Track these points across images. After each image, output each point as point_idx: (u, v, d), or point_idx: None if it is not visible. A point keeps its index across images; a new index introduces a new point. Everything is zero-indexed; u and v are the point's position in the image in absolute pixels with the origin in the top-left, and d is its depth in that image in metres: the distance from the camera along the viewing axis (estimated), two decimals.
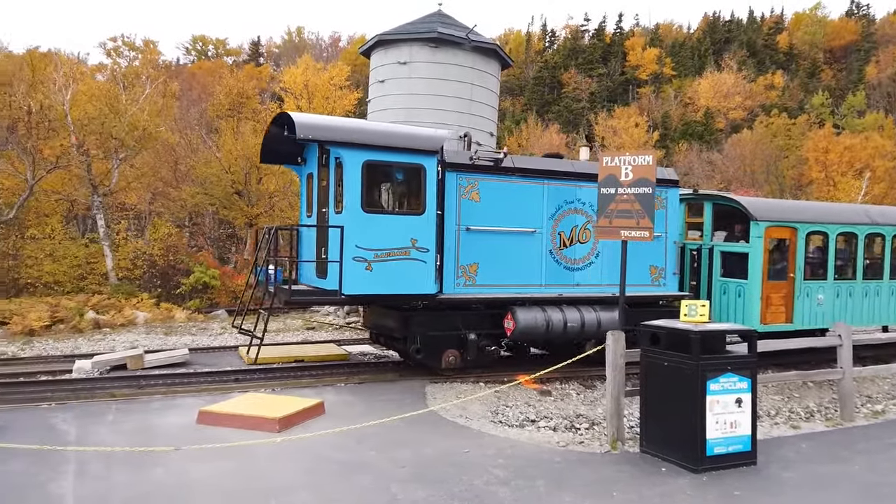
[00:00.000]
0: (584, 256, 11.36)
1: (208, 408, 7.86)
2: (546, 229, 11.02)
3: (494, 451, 7.00)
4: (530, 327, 10.39)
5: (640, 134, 52.97)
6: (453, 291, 10.27)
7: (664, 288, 11.94)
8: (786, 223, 12.04)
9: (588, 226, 11.32)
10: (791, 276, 12.08)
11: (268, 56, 75.46)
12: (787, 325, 12.10)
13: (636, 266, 11.35)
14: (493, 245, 10.58)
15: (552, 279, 11.08)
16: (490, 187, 10.56)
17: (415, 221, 9.80)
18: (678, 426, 6.70)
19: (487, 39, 20.77)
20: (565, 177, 11.26)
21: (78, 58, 37.15)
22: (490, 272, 10.56)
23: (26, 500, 5.41)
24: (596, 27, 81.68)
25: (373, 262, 9.48)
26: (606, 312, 10.97)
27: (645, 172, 8.16)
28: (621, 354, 7.35)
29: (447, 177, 10.23)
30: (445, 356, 10.35)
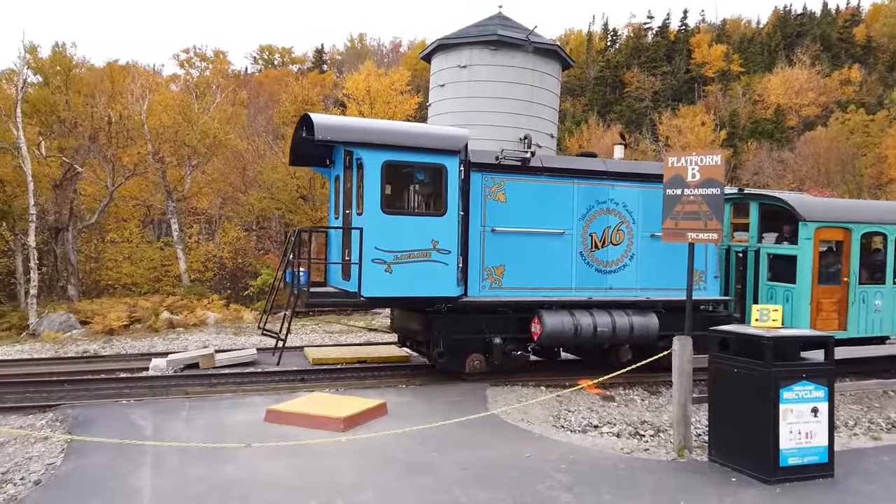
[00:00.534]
0: (617, 259, 10.98)
1: (276, 406, 8.09)
2: (576, 230, 10.71)
3: (557, 455, 6.93)
4: (557, 332, 10.10)
5: (707, 133, 51.42)
6: (479, 294, 10.10)
7: (705, 292, 11.42)
8: (838, 224, 11.34)
9: (622, 227, 10.98)
10: (845, 281, 11.37)
11: (331, 63, 77.02)
12: (840, 333, 11.37)
13: (674, 269, 10.92)
14: (520, 247, 10.34)
15: (583, 282, 10.75)
16: (517, 187, 10.34)
17: (436, 222, 9.60)
18: (749, 435, 6.47)
19: (548, 40, 20.61)
20: (597, 176, 10.91)
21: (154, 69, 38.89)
22: (517, 275, 10.33)
23: (109, 491, 5.69)
24: (660, 25, 79.90)
25: (392, 263, 9.33)
26: (640, 317, 10.61)
27: (713, 173, 7.92)
28: (688, 360, 7.16)
29: (472, 177, 10.06)
30: (470, 360, 10.18)
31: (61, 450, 6.74)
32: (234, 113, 26.49)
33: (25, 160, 20.91)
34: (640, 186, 11.07)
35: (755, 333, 6.53)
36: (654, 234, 10.90)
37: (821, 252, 11.40)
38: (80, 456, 6.50)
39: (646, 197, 11.06)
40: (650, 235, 11.00)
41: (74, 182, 23.25)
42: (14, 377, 10.58)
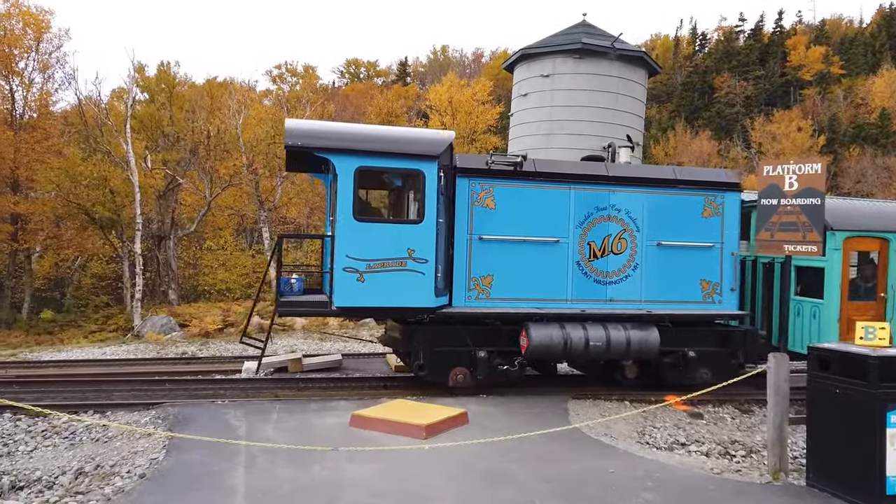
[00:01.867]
0: (618, 269, 10.34)
1: (360, 411, 8.28)
2: (573, 239, 10.16)
3: (642, 472, 6.76)
4: (545, 345, 9.59)
5: (804, 139, 48.83)
6: (464, 305, 9.75)
7: (719, 306, 10.59)
8: (873, 233, 10.33)
9: (624, 235, 10.33)
10: (882, 297, 10.34)
11: (414, 75, 78.38)
12: None
13: (682, 280, 10.40)
14: (510, 256, 9.90)
15: (580, 294, 10.19)
16: (507, 193, 9.91)
17: (412, 230, 9.23)
18: (852, 460, 6.09)
19: (633, 47, 20.23)
20: (597, 181, 10.31)
21: (248, 85, 40.87)
22: (506, 285, 9.91)
23: (206, 487, 6.01)
24: (752, 27, 76.60)
25: (365, 273, 9.02)
26: (639, 331, 9.96)
27: (813, 182, 7.54)
28: (785, 378, 6.82)
29: (458, 183, 9.72)
30: (453, 374, 9.82)
31: (163, 445, 7.16)
32: None
33: (133, 172, 22.47)
34: (646, 192, 10.44)
35: (860, 352, 6.15)
36: (661, 243, 10.40)
37: (852, 264, 10.36)
38: (179, 452, 6.89)
39: (652, 203, 10.45)
40: (657, 244, 10.41)
41: (176, 193, 24.76)
42: (122, 376, 11.34)
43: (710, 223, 10.54)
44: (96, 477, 6.44)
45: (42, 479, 6.47)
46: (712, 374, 10.30)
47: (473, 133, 34.70)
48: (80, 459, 7.00)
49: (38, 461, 7.10)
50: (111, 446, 7.46)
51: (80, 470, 6.66)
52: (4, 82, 29.58)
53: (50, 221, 29.50)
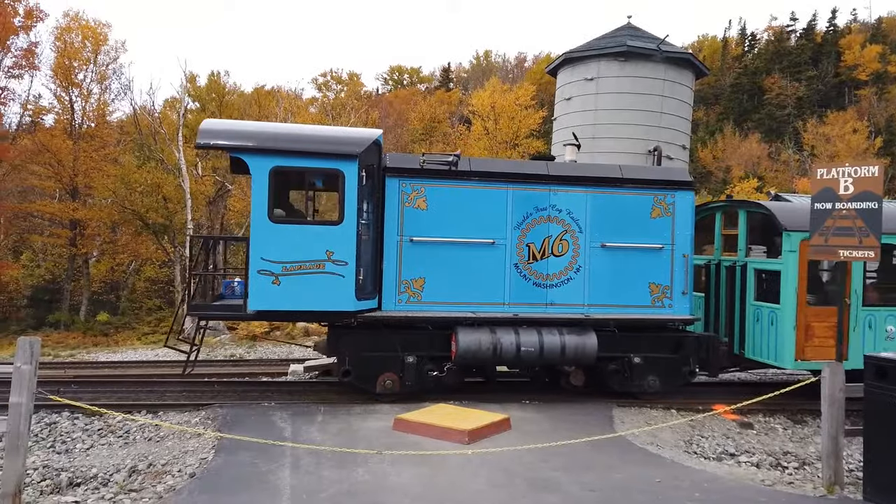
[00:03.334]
0: (559, 272, 9.95)
1: (403, 415, 8.33)
2: (511, 240, 9.80)
3: (689, 483, 6.61)
4: (472, 351, 9.31)
5: (859, 141, 47.16)
6: (394, 309, 9.49)
7: (670, 310, 10.14)
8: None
9: (566, 236, 9.92)
10: (845, 302, 9.70)
11: (457, 81, 78.68)
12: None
13: (629, 283, 9.99)
14: (443, 258, 9.60)
15: (519, 297, 9.83)
16: (440, 194, 9.61)
17: (331, 232, 8.95)
18: None
19: (680, 49, 19.91)
20: (537, 180, 9.93)
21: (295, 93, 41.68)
22: (439, 288, 9.60)
23: (253, 487, 6.13)
24: (804, 26, 74.43)
25: (281, 275, 8.75)
26: (575, 337, 9.58)
27: (870, 185, 7.27)
28: (840, 388, 6.59)
29: (388, 183, 9.48)
30: (381, 380, 9.48)
31: (212, 446, 7.34)
32: None
33: (185, 179, 23.12)
34: (589, 191, 10.03)
35: None
36: (605, 245, 10.01)
37: (811, 267, 9.81)
38: (228, 452, 7.05)
39: (596, 203, 10.05)
40: (601, 246, 10.02)
41: (225, 199, 25.37)
42: (173, 377, 11.67)
43: (660, 224, 10.11)
44: (149, 475, 6.64)
45: (98, 476, 6.70)
46: (661, 382, 10.01)
47: (516, 137, 34.61)
48: (134, 458, 7.23)
49: (94, 459, 7.36)
50: (163, 445, 7.68)
51: (133, 468, 6.87)
52: (65, 93, 30.88)
53: (106, 227, 30.64)
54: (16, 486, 5.35)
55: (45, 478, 6.62)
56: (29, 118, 33.17)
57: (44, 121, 33.23)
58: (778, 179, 46.38)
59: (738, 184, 42.18)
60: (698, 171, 48.33)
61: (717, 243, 11.62)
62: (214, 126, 9.50)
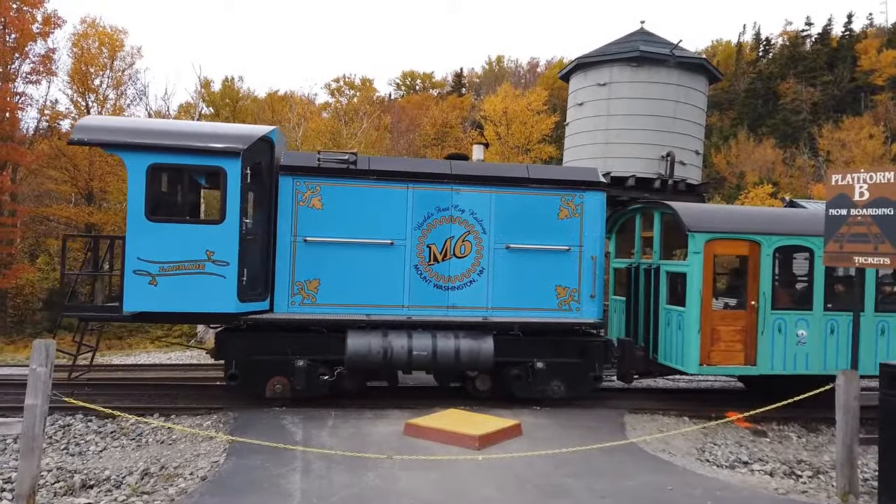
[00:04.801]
0: (462, 273, 9.71)
1: (414, 420, 8.33)
2: (411, 241, 9.59)
3: (702, 490, 6.56)
4: (362, 354, 9.12)
5: (876, 146, 46.73)
6: (287, 311, 9.30)
7: (576, 314, 9.87)
8: (741, 235, 9.59)
9: (468, 237, 9.70)
10: (752, 305, 9.58)
11: (469, 86, 78.77)
12: (746, 368, 9.56)
13: (535, 285, 9.75)
14: (339, 259, 9.39)
15: (419, 300, 9.60)
16: (336, 193, 9.41)
17: (211, 231, 8.73)
18: None
19: (693, 54, 19.84)
20: (439, 179, 9.69)
21: (308, 98, 41.94)
22: (334, 290, 9.39)
23: (264, 491, 6.15)
24: (819, 31, 73.88)
25: (158, 276, 8.52)
26: (471, 341, 9.37)
27: (885, 191, 7.21)
28: (855, 396, 6.52)
29: (281, 182, 9.27)
30: (271, 384, 9.26)
31: (224, 449, 7.38)
32: (378, 137, 27.94)
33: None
34: (494, 191, 9.81)
35: None
36: (510, 246, 9.79)
37: (719, 270, 9.60)
38: (239, 456, 7.08)
39: (500, 203, 9.83)
40: (506, 247, 9.80)
41: None
42: (185, 381, 11.74)
43: (568, 225, 9.89)
44: (161, 478, 6.69)
45: (111, 479, 6.76)
46: (566, 388, 9.82)
47: (528, 143, 34.60)
48: (147, 460, 7.28)
49: (108, 461, 7.42)
50: (175, 448, 7.73)
51: (146, 470, 6.92)
52: (81, 99, 31.25)
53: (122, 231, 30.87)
54: (30, 487, 5.40)
55: (59, 479, 6.69)
56: (46, 123, 33.58)
57: (60, 126, 33.69)
58: (793, 185, 46.03)
59: (753, 189, 41.90)
60: (712, 176, 48.05)
61: (636, 246, 11.42)
62: (91, 122, 9.38)
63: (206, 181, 9.51)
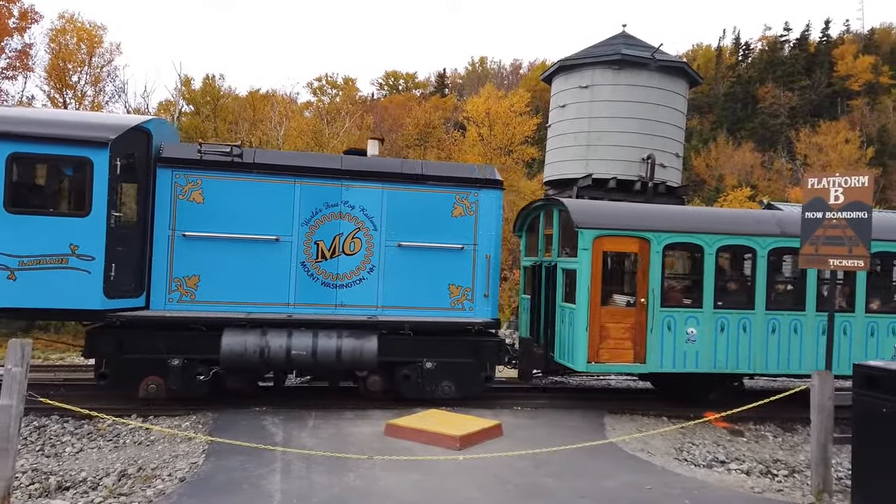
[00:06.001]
0: (351, 271, 9.52)
1: (395, 421, 8.33)
2: (298, 237, 9.37)
3: (680, 490, 6.64)
4: (237, 353, 8.86)
5: (852, 150, 47.54)
6: (163, 308, 9.00)
7: (470, 313, 9.75)
8: (629, 232, 9.54)
9: (358, 234, 9.53)
10: (642, 302, 9.55)
11: (452, 87, 78.85)
12: (635, 366, 9.56)
13: (428, 284, 9.62)
14: (221, 255, 9.13)
15: (306, 297, 9.40)
16: (219, 186, 9.15)
17: (76, 224, 8.35)
18: None
19: (674, 57, 20.05)
20: (328, 174, 9.51)
21: (290, 97, 41.72)
22: (216, 287, 9.13)
23: (244, 492, 6.11)
24: (798, 36, 74.99)
25: (17, 270, 8.17)
26: (354, 340, 9.15)
27: (860, 195, 7.35)
28: (829, 396, 6.64)
29: (159, 174, 9.00)
30: (145, 384, 8.94)
31: (203, 450, 7.31)
32: (360, 137, 27.82)
33: None
34: (386, 188, 9.65)
35: None
36: (402, 244, 9.63)
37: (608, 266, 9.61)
38: (219, 457, 7.03)
39: (392, 200, 9.67)
40: (397, 245, 9.64)
41: None
42: None
43: (462, 223, 9.75)
44: (139, 479, 6.61)
45: (87, 480, 6.67)
46: (457, 388, 9.68)
47: (511, 144, 34.70)
48: (124, 461, 7.19)
49: (84, 462, 7.32)
50: (153, 450, 7.65)
51: (123, 472, 6.84)
52: (59, 95, 30.81)
53: None
54: (5, 489, 5.32)
55: (34, 481, 6.58)
56: None
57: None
58: (771, 188, 46.68)
59: (732, 192, 42.41)
60: (692, 179, 48.56)
61: (540, 244, 11.38)
62: None
63: (73, 172, 8.93)
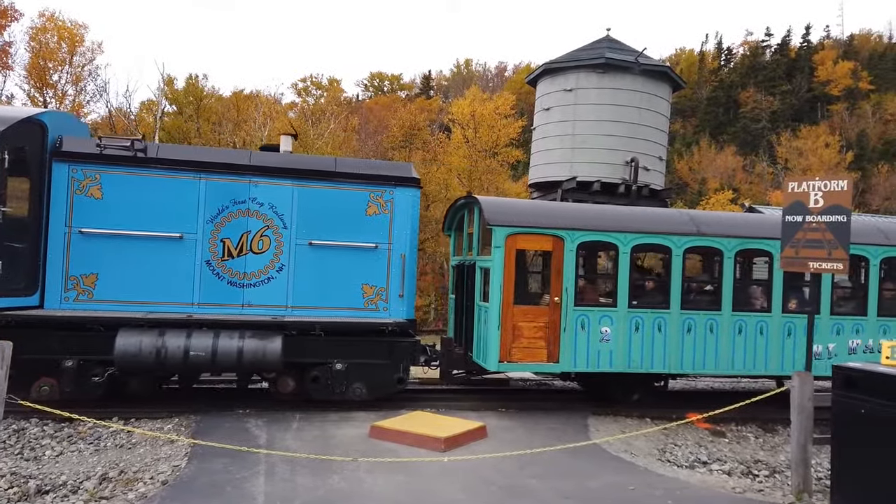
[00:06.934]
0: (259, 270, 9.31)
1: (379, 423, 8.31)
2: (203, 235, 9.12)
3: (662, 490, 6.69)
4: (132, 354, 8.53)
5: (831, 155, 48.25)
6: (59, 307, 8.74)
7: (384, 313, 9.56)
8: (543, 230, 9.44)
9: (267, 232, 9.31)
10: (555, 301, 9.44)
11: (437, 88, 78.95)
12: (548, 366, 9.48)
13: (340, 284, 9.45)
14: (120, 252, 8.87)
15: (211, 297, 9.16)
16: (119, 182, 8.89)
17: None
18: (878, 481, 5.97)
19: (657, 62, 20.22)
20: (235, 170, 9.27)
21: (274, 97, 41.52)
22: (115, 285, 8.87)
23: (227, 494, 6.07)
24: (779, 42, 76.04)
25: None
26: (257, 341, 8.85)
27: (839, 199, 7.46)
28: (809, 397, 6.73)
29: (55, 168, 8.76)
30: (36, 385, 8.60)
31: (185, 453, 7.25)
32: (345, 138, 27.78)
33: None
34: (297, 184, 9.44)
35: (887, 372, 6.05)
36: (313, 243, 9.44)
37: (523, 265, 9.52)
38: (201, 460, 6.97)
39: (304, 197, 9.46)
40: (308, 244, 9.43)
41: None
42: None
43: (376, 221, 9.59)
44: (120, 482, 6.54)
45: (67, 484, 6.58)
46: (368, 390, 9.47)
47: (496, 146, 34.81)
48: (105, 465, 7.11)
49: (64, 465, 7.23)
50: (135, 452, 7.57)
51: (104, 475, 6.76)
52: (39, 94, 30.42)
53: None
54: None
55: (13, 485, 6.48)
56: None
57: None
58: (752, 192, 47.21)
59: (714, 196, 42.83)
60: (675, 182, 48.99)
61: (465, 242, 11.30)
62: None
63: None
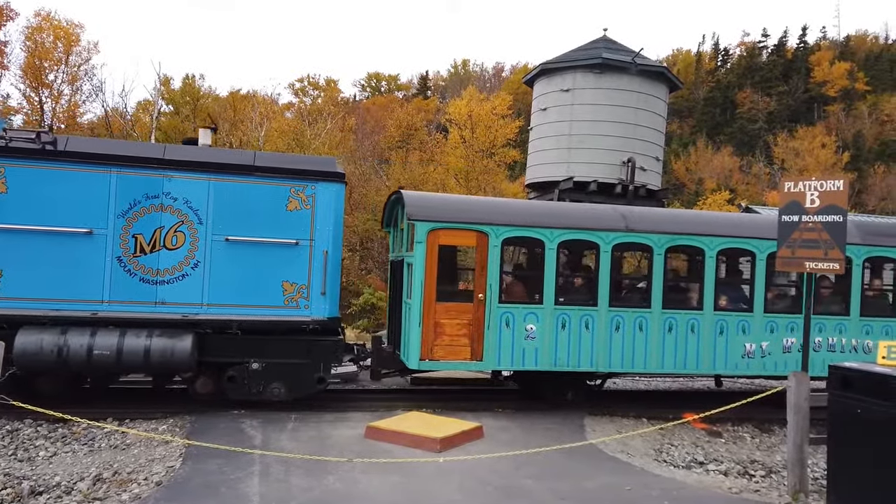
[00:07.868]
0: (173, 267, 9.06)
1: (375, 423, 8.28)
2: (113, 230, 8.88)
3: (659, 491, 6.67)
4: (31, 353, 8.35)
5: (828, 155, 48.36)
6: None
7: (305, 311, 9.34)
8: (466, 225, 9.28)
9: (181, 227, 9.08)
10: (479, 298, 9.26)
11: (435, 89, 78.91)
12: (472, 364, 9.31)
13: (259, 281, 9.24)
14: (25, 248, 8.66)
15: (122, 294, 8.90)
16: (25, 175, 8.68)
17: None
18: (874, 481, 5.96)
19: (654, 62, 20.23)
20: (148, 164, 9.01)
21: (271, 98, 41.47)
22: (19, 282, 8.65)
23: (222, 495, 6.03)
24: (775, 43, 76.16)
25: None
26: (166, 339, 8.65)
27: (835, 199, 7.45)
28: (805, 397, 6.72)
29: None
30: None
31: (180, 454, 7.21)
32: (342, 138, 27.76)
33: None
34: (213, 179, 9.20)
35: (883, 372, 6.04)
36: (230, 239, 9.19)
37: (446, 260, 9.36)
38: (196, 461, 6.94)
39: (220, 192, 9.22)
40: (225, 239, 9.19)
41: None
42: (140, 384, 11.43)
43: (297, 217, 9.37)
44: (114, 483, 6.51)
45: (61, 485, 6.55)
46: (287, 390, 9.31)
47: (493, 146, 34.80)
48: (99, 466, 7.08)
49: (58, 466, 7.20)
50: (129, 453, 7.54)
51: (98, 476, 6.73)
52: (34, 94, 30.33)
53: None
54: None
55: (7, 486, 6.45)
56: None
57: (12, 121, 32.60)
58: (749, 192, 47.30)
59: (711, 196, 42.90)
60: (672, 182, 49.06)
61: (398, 238, 11.08)
62: None
63: None
